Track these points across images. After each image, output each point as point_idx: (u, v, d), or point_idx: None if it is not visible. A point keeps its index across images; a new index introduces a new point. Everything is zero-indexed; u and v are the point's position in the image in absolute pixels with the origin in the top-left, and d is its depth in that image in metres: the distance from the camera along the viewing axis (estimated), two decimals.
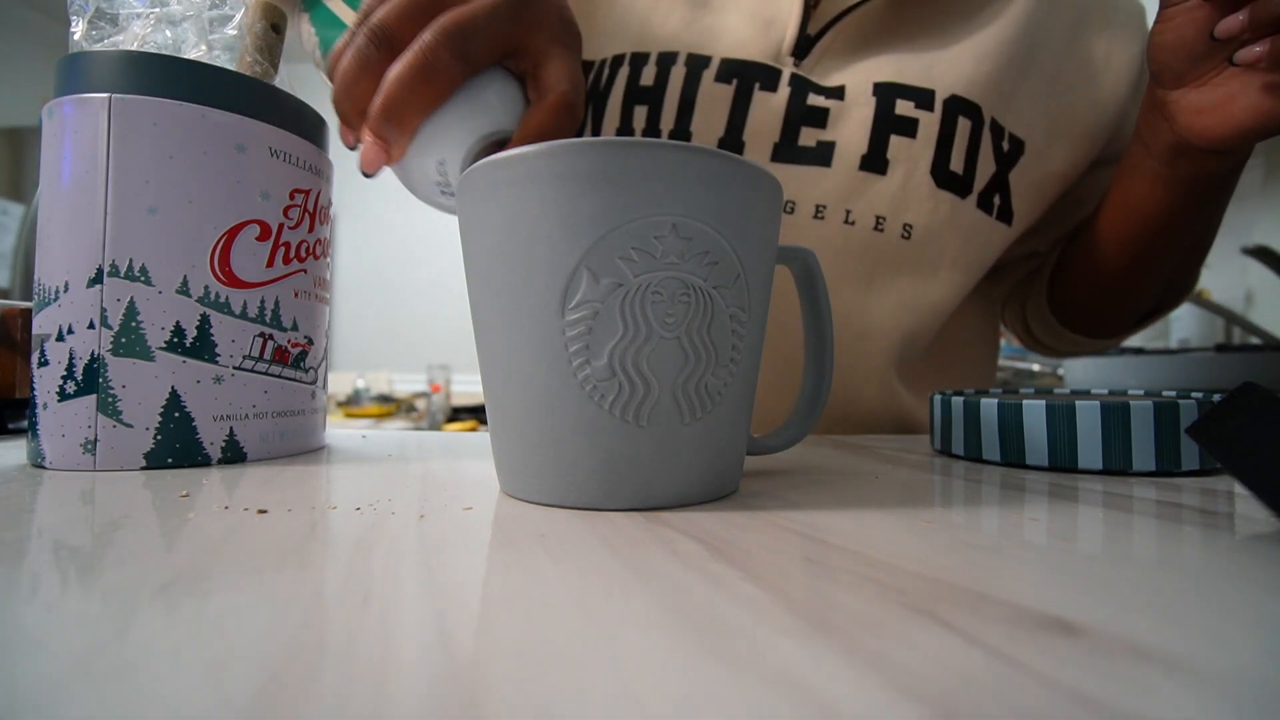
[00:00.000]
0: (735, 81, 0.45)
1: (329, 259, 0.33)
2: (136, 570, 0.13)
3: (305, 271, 0.30)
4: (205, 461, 0.27)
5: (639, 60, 0.47)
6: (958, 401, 0.30)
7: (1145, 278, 0.50)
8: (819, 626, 0.11)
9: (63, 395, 0.25)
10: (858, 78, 0.45)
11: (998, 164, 0.46)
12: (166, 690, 0.09)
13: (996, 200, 0.47)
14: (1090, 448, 0.26)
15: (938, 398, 0.32)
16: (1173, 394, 0.31)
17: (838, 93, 0.45)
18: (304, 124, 0.30)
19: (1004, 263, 0.55)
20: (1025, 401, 0.27)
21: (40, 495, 0.21)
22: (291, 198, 0.29)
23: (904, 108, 0.44)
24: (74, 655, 0.09)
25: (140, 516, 0.18)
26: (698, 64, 0.45)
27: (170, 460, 0.26)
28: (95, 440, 0.25)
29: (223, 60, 0.31)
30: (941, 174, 0.44)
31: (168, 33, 0.29)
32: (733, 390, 0.20)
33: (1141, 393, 0.33)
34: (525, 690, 0.09)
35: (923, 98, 0.44)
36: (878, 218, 0.44)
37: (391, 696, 0.08)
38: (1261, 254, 0.91)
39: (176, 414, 0.26)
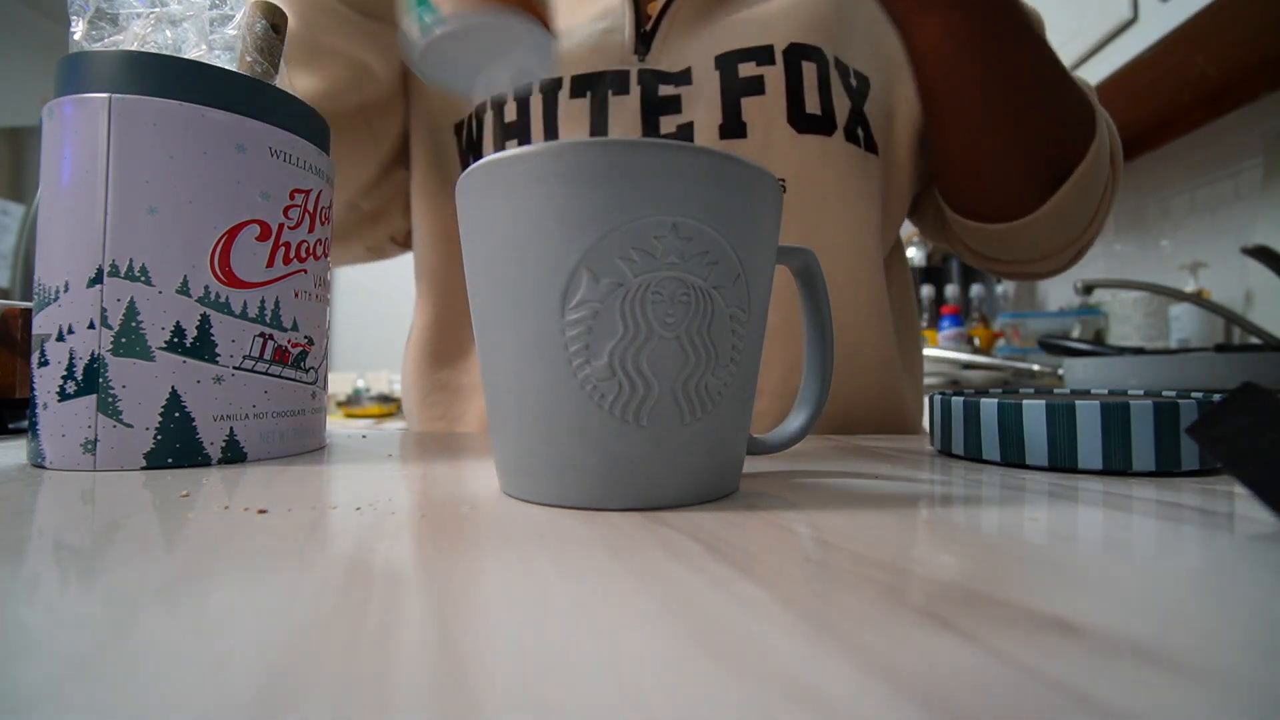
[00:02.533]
0: (589, 94, 0.46)
1: (329, 259, 0.33)
2: (136, 570, 0.13)
3: (306, 272, 0.30)
4: (205, 461, 0.27)
5: (499, 101, 0.48)
6: (958, 401, 0.30)
7: (988, 135, 0.46)
8: (819, 626, 0.11)
9: (63, 395, 0.25)
10: (700, 56, 0.46)
11: (851, 99, 0.48)
12: (166, 690, 0.09)
13: (860, 133, 0.48)
14: (1090, 448, 0.26)
15: (938, 398, 0.32)
16: (1173, 394, 0.31)
17: (685, 77, 0.46)
18: (304, 124, 0.30)
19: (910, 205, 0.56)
20: (1025, 401, 0.27)
21: (40, 495, 0.21)
22: (292, 198, 0.29)
23: (747, 69, 0.45)
24: (74, 655, 0.09)
25: (140, 516, 0.18)
26: (551, 88, 0.47)
27: (170, 460, 0.26)
28: (95, 440, 0.25)
29: (223, 60, 0.31)
30: (800, 120, 0.45)
31: (168, 33, 0.29)
32: (733, 390, 0.20)
33: (1141, 393, 0.33)
34: (525, 690, 0.09)
35: (762, 55, 0.45)
36: None
37: (391, 696, 0.08)
38: (1261, 254, 0.91)
39: (176, 414, 0.26)
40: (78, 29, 0.28)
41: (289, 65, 0.44)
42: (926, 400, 0.46)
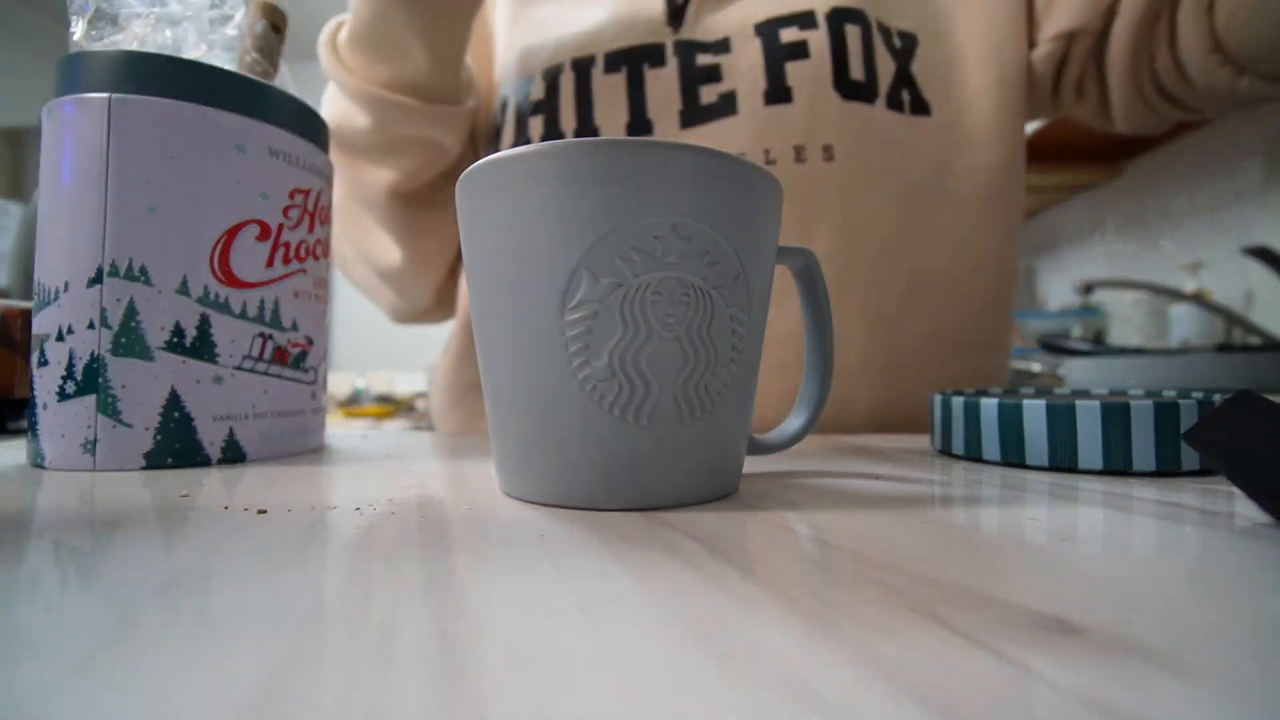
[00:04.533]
0: (625, 69, 0.45)
1: (329, 259, 0.33)
2: (136, 570, 0.13)
3: (305, 272, 0.30)
4: (205, 461, 0.27)
5: (525, 84, 0.48)
6: (958, 401, 0.30)
7: None
8: (819, 626, 0.11)
9: (63, 395, 0.25)
10: (737, 25, 0.45)
11: (895, 60, 0.46)
12: (166, 690, 0.09)
13: (906, 96, 0.46)
14: (1090, 448, 0.26)
15: (938, 398, 0.32)
16: (1173, 394, 0.31)
17: (723, 46, 0.45)
18: (304, 124, 0.30)
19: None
20: (1025, 401, 0.27)
21: (40, 495, 0.21)
22: (291, 198, 0.29)
23: (789, 35, 0.44)
24: (74, 656, 0.09)
25: (140, 516, 0.18)
26: (584, 64, 0.46)
27: (170, 460, 0.26)
28: (95, 440, 0.25)
29: (223, 60, 0.31)
30: (845, 85, 0.44)
31: (168, 33, 0.29)
32: (733, 390, 0.20)
33: (1141, 393, 0.33)
34: (525, 690, 0.09)
35: (805, 20, 0.45)
36: (796, 149, 0.44)
37: (391, 697, 0.08)
38: (1261, 254, 0.91)
39: (176, 414, 0.26)
40: (78, 29, 0.28)
41: (363, 159, 0.46)
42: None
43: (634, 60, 0.45)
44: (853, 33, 0.45)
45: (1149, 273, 1.47)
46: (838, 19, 0.45)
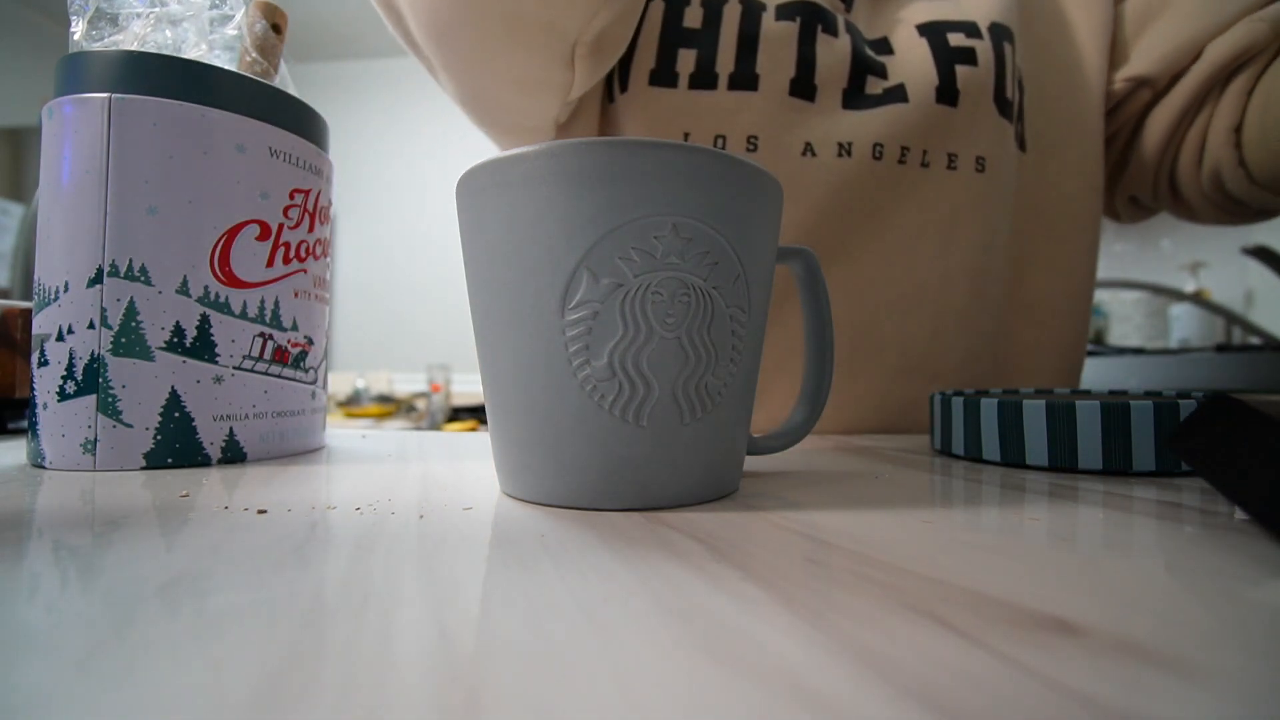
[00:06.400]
0: (798, 19, 0.42)
1: (329, 259, 0.33)
2: (136, 570, 0.13)
3: (305, 271, 0.30)
4: (205, 461, 0.27)
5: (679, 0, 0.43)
6: (958, 401, 0.30)
7: None
8: (819, 626, 0.11)
9: (63, 395, 0.25)
10: (897, 27, 0.45)
11: (1020, 92, 0.46)
12: (166, 690, 0.09)
13: (1020, 127, 0.47)
14: (1090, 448, 0.26)
15: (938, 398, 0.32)
16: (1173, 394, 0.31)
17: (884, 46, 0.44)
18: (304, 124, 0.30)
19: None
20: (1025, 401, 0.27)
21: (40, 495, 0.21)
22: (291, 198, 0.29)
23: (956, 39, 0.43)
24: (74, 655, 0.09)
25: (140, 516, 0.18)
26: (754, 5, 0.43)
27: (170, 460, 0.26)
28: (95, 440, 0.25)
29: (223, 60, 0.31)
30: (1001, 101, 0.43)
31: (168, 33, 0.29)
32: (733, 390, 0.20)
33: (1141, 393, 0.33)
34: (525, 690, 0.09)
35: (969, 29, 0.44)
36: (950, 155, 0.43)
37: (391, 696, 0.08)
38: (1261, 254, 0.91)
39: (176, 414, 0.26)
40: (77, 29, 0.28)
41: None
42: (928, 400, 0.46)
43: (809, 15, 0.42)
44: (1009, 51, 0.44)
45: (1149, 273, 1.47)
46: (998, 34, 0.44)
